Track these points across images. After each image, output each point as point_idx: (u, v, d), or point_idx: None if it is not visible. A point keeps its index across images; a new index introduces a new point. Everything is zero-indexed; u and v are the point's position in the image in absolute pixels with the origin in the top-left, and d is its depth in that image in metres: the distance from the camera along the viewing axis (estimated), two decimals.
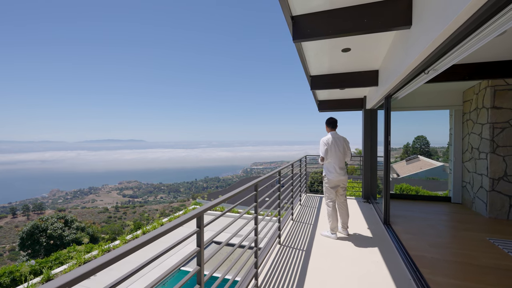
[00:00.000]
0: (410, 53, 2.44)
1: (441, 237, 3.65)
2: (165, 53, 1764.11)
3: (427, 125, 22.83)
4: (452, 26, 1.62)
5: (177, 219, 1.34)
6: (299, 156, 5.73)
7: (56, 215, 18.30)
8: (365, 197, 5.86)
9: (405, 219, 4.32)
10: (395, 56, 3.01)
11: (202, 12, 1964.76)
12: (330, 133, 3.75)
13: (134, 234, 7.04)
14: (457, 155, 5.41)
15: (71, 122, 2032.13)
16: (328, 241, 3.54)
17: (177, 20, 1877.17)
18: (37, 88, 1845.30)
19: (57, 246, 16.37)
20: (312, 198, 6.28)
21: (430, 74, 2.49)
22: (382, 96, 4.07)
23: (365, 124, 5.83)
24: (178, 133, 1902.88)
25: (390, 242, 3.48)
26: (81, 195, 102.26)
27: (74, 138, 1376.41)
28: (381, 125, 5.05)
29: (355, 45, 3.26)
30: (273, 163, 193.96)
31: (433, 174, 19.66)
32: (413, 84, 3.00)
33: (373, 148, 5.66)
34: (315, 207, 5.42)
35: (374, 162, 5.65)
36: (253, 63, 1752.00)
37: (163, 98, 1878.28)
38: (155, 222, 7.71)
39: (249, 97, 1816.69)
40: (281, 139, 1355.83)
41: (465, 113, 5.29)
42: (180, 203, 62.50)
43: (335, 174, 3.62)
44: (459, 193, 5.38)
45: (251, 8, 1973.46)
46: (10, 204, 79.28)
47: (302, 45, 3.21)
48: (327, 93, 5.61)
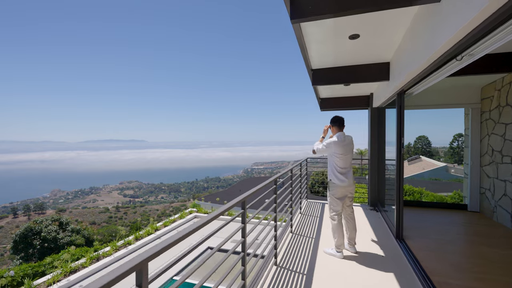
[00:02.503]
0: (438, 34, 1.93)
1: (465, 256, 3.13)
2: (165, 53, 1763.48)
3: (427, 124, 22.31)
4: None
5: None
6: (299, 156, 5.23)
7: (51, 217, 17.86)
8: (372, 204, 5.34)
9: (419, 232, 3.81)
10: (415, 42, 2.50)
11: (204, 11, 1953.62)
12: (337, 134, 3.19)
13: (126, 240, 6.55)
14: (475, 159, 4.87)
15: (73, 123, 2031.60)
16: (333, 262, 3.03)
17: (177, 20, 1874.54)
18: (37, 89, 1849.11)
19: (51, 249, 15.94)
20: (314, 205, 5.77)
21: (463, 61, 1.97)
22: (394, 92, 3.55)
23: (372, 124, 5.31)
24: (179, 133, 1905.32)
25: (406, 263, 2.96)
26: (82, 195, 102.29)
27: (77, 138, 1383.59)
28: (390, 125, 4.53)
29: (365, 30, 2.74)
30: (274, 163, 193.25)
31: (435, 174, 19.11)
32: (436, 75, 2.49)
33: (381, 150, 5.15)
34: (317, 216, 4.91)
35: (381, 165, 5.13)
36: (253, 63, 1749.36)
37: (165, 98, 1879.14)
38: (149, 227, 7.23)
39: (249, 97, 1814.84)
40: (281, 139, 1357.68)
41: (484, 112, 4.76)
42: (181, 203, 62.14)
43: (346, 183, 3.07)
44: (477, 201, 4.85)
45: (253, 9, 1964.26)
46: (11, 204, 79.20)
47: (302, 30, 2.70)
48: (330, 90, 5.10)
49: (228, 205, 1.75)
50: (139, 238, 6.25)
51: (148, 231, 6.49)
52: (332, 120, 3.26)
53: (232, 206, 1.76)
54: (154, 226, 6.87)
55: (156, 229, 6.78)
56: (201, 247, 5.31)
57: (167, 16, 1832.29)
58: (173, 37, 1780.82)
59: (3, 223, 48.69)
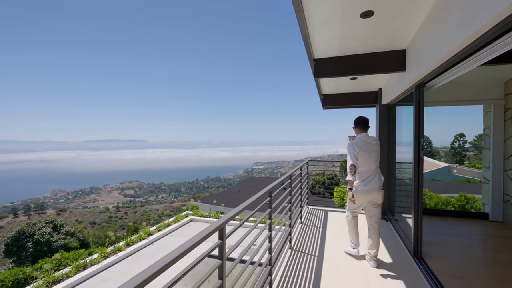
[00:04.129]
0: (481, 8, 1.41)
1: (503, 284, 2.59)
2: (165, 53, 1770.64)
3: (427, 123, 21.84)
4: None
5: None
6: (299, 156, 4.74)
7: (45, 219, 17.40)
8: (381, 211, 4.80)
9: (441, 248, 3.28)
10: (442, 23, 1.97)
11: (204, 12, 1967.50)
12: (360, 135, 3.02)
13: (116, 246, 6.04)
14: (498, 162, 4.33)
15: (73, 123, 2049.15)
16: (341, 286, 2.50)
17: (177, 20, 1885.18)
18: (37, 89, 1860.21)
19: (44, 252, 15.47)
20: (316, 212, 5.24)
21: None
22: (411, 84, 3.02)
23: (381, 122, 4.77)
24: (179, 133, 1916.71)
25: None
26: (82, 195, 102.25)
27: (77, 138, 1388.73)
28: (402, 124, 4.00)
29: (381, 6, 2.21)
30: (274, 163, 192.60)
31: (438, 175, 18.58)
32: (470, 62, 1.96)
33: (390, 152, 4.61)
34: (320, 227, 4.38)
35: (391, 168, 4.60)
36: (253, 63, 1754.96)
37: (165, 98, 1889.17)
38: (141, 231, 6.71)
39: (249, 97, 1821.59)
40: (281, 139, 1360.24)
41: (508, 109, 4.23)
42: (181, 203, 61.81)
43: (368, 186, 2.82)
44: (500, 209, 4.31)
45: (253, 9, 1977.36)
46: (12, 204, 79.03)
47: (304, 7, 2.18)
48: (334, 84, 4.57)
49: (201, 234, 1.23)
50: (130, 244, 5.76)
51: (140, 236, 5.99)
52: (356, 121, 3.11)
53: (205, 237, 1.24)
54: (147, 231, 6.34)
55: (149, 234, 6.28)
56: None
57: (167, 16, 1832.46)
58: (173, 37, 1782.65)
59: (3, 223, 48.60)
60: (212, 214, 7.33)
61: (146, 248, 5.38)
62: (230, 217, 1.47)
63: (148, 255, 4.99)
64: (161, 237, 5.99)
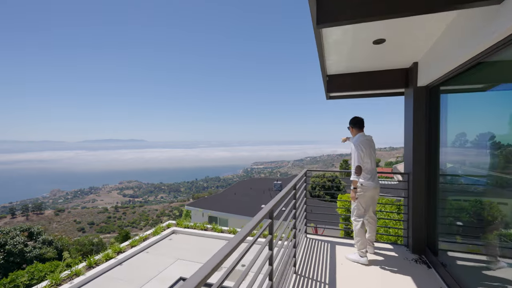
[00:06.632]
0: None
1: None
2: (165, 54, 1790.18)
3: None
4: None
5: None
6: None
7: (20, 227, 15.92)
8: (416, 248, 3.23)
9: None
10: None
11: (204, 13, 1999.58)
12: (359, 134, 3.13)
13: (73, 269, 4.55)
14: None
15: (72, 123, 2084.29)
16: None
17: (177, 21, 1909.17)
18: (37, 90, 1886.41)
19: (17, 264, 13.99)
20: (318, 245, 3.67)
21: None
22: (503, 37, 1.49)
23: (416, 115, 3.21)
24: (178, 133, 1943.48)
25: None
26: (81, 195, 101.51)
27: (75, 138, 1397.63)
28: (457, 117, 2.49)
29: None
30: (273, 162, 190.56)
31: None
32: None
33: (432, 156, 3.08)
34: (325, 268, 2.85)
35: (433, 181, 3.06)
36: (253, 63, 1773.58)
37: (164, 99, 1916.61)
38: (110, 248, 5.24)
39: (248, 97, 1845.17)
40: (280, 139, 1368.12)
41: None
42: (180, 203, 60.58)
43: (374, 182, 2.98)
44: None
45: (252, 10, 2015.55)
46: (10, 204, 77.98)
47: None
48: (345, 56, 3.03)
49: None
50: (93, 265, 4.27)
51: (107, 255, 4.47)
52: (352, 121, 3.22)
53: None
54: (117, 248, 4.80)
55: (120, 251, 4.76)
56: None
57: (167, 17, 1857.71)
58: (173, 38, 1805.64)
59: (1, 223, 47.65)
60: (198, 225, 5.95)
61: (112, 270, 4.19)
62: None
63: (113, 281, 3.79)
64: (134, 255, 4.71)
